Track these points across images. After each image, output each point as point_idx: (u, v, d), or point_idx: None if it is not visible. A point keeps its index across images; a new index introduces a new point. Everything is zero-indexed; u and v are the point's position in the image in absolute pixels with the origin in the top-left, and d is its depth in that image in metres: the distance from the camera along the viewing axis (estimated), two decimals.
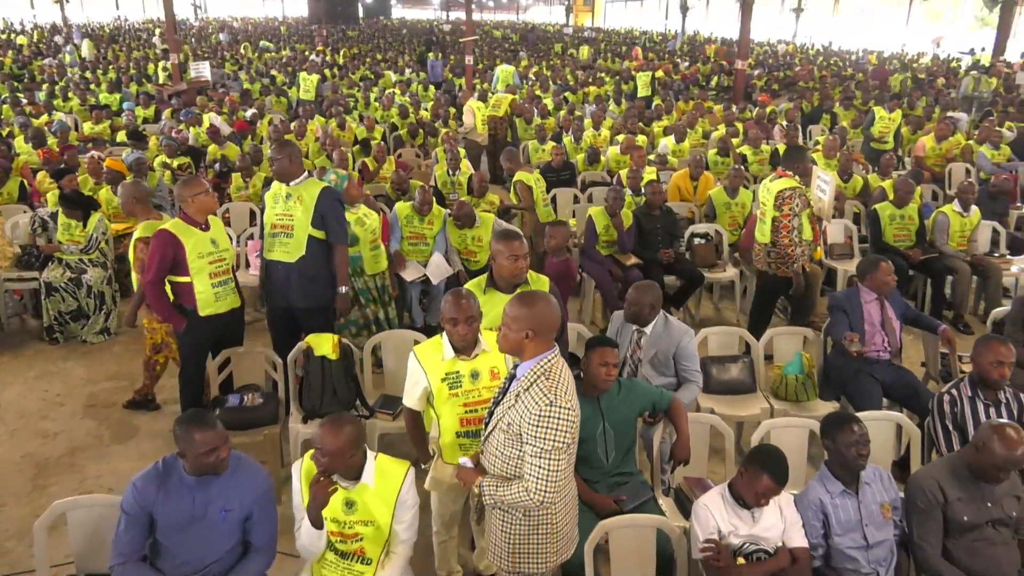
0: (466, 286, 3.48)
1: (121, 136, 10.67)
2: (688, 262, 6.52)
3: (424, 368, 3.09)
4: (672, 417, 3.54)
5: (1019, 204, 8.20)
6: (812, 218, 5.44)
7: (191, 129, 9.91)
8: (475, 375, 3.10)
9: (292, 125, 10.51)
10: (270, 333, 4.91)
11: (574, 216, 7.66)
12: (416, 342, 4.57)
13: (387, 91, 15.28)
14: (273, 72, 19.07)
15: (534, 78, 18.54)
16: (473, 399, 3.10)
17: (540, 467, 2.45)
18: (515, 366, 2.63)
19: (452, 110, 12.81)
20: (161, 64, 18.64)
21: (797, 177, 5.17)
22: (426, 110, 13.02)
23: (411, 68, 20.70)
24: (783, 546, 2.86)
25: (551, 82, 16.80)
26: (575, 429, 2.50)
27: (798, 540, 2.86)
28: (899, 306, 4.59)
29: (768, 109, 12.46)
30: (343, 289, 4.69)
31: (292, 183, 4.52)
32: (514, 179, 6.96)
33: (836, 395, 4.48)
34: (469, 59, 14.77)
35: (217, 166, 9.16)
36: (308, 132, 10.21)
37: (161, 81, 17.17)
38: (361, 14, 50.46)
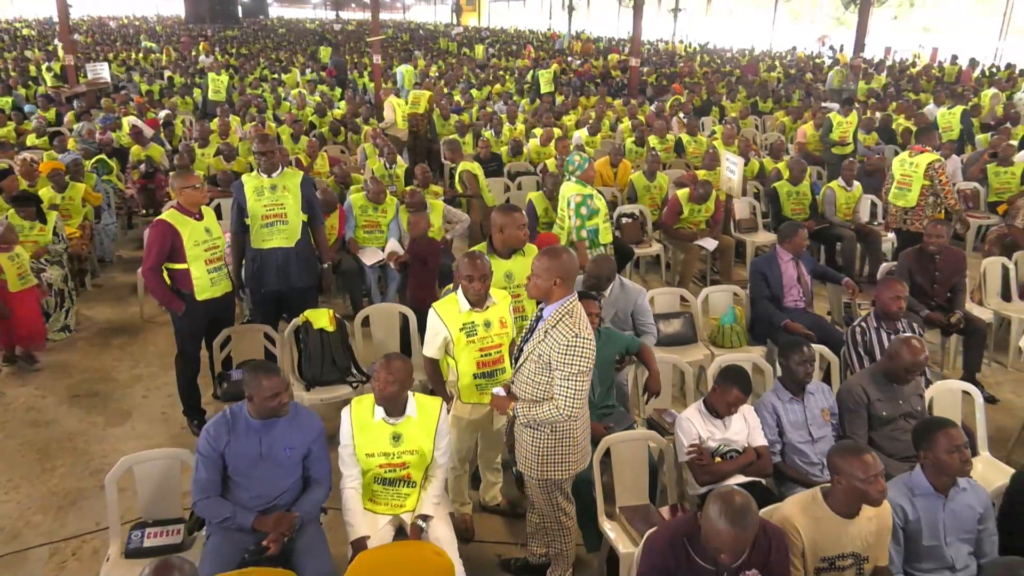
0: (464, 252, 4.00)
1: (31, 139, 10.42)
2: (618, 239, 7.21)
3: (444, 321, 3.60)
4: (643, 358, 4.20)
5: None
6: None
7: (113, 132, 9.83)
8: (487, 324, 3.63)
9: (213, 124, 10.57)
10: (258, 316, 5.20)
11: (508, 203, 8.26)
12: (402, 314, 5.08)
13: (293, 91, 15.42)
14: (168, 73, 18.68)
15: (436, 76, 19.06)
16: (487, 344, 3.64)
17: (568, 387, 3.02)
18: (540, 309, 3.19)
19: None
20: (45, 65, 17.91)
21: (934, 151, 6.36)
22: (339, 108, 13.29)
23: (310, 68, 20.74)
24: (749, 446, 3.56)
25: (456, 80, 17.35)
26: (593, 357, 3.08)
27: (760, 440, 3.57)
28: (809, 264, 5.45)
29: (671, 100, 13.47)
30: (326, 265, 5.17)
31: (274, 175, 4.90)
32: (459, 169, 7.48)
33: (763, 340, 5.28)
34: (377, 58, 15.05)
35: (143, 167, 9.18)
36: (231, 131, 10.33)
37: (49, 83, 16.56)
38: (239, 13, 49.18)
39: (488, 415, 3.78)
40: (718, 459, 3.52)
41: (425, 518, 3.29)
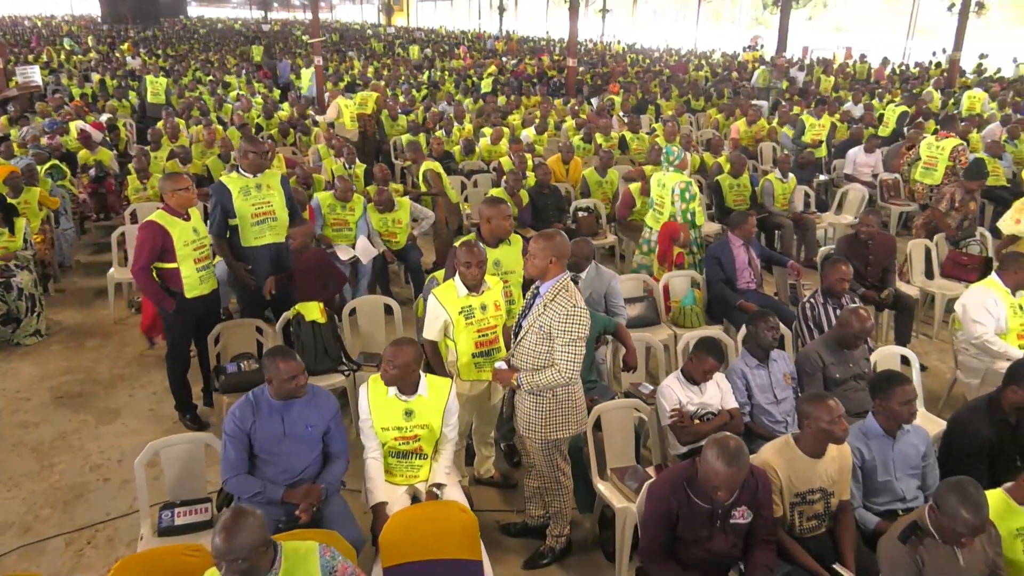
0: (459, 242, 4.32)
1: None
2: (576, 232, 7.62)
3: (444, 305, 3.90)
4: (619, 336, 4.59)
5: (816, 173, 10.11)
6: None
7: (61, 137, 9.72)
8: (483, 307, 3.95)
9: (161, 126, 10.50)
10: (247, 312, 5.35)
11: (467, 200, 8.58)
12: (386, 305, 5.35)
13: (232, 93, 15.38)
14: (97, 76, 18.24)
15: (372, 76, 19.19)
16: (484, 326, 3.96)
17: (568, 352, 3.38)
18: (536, 287, 3.54)
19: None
20: None
21: (957, 136, 7.55)
22: (282, 111, 13.32)
23: (245, 69, 20.55)
24: (723, 408, 3.98)
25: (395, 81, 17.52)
26: (588, 325, 3.45)
27: (731, 403, 4.00)
28: (757, 248, 5.95)
29: (605, 99, 13.98)
30: None
31: (258, 174, 5.10)
32: (422, 168, 7.74)
33: (719, 320, 5.75)
34: (318, 60, 15.10)
35: (92, 172, 9.13)
36: (180, 134, 10.31)
37: None
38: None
39: (485, 391, 4.11)
40: (696, 421, 3.93)
41: (439, 486, 3.59)
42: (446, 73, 20.07)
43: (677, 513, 2.96)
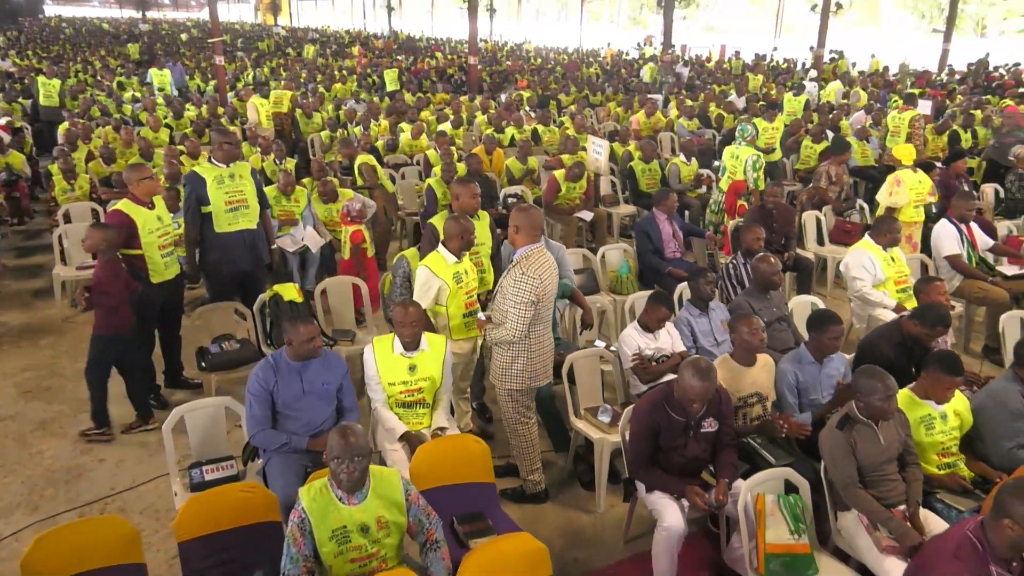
0: (435, 218, 4.80)
1: None
2: (507, 217, 8.14)
3: (437, 274, 4.35)
4: (576, 300, 5.19)
5: (713, 161, 11.10)
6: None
7: None
8: (466, 272, 4.47)
9: (65, 128, 10.26)
10: (218, 297, 5.58)
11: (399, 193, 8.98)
12: (354, 284, 5.72)
13: (126, 94, 15.05)
14: None
15: (269, 76, 19.12)
16: (469, 288, 4.49)
17: (515, 313, 3.90)
18: (513, 255, 4.06)
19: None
20: None
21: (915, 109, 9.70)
22: (188, 111, 13.21)
23: (134, 73, 19.92)
24: (675, 352, 4.63)
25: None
26: (537, 293, 3.91)
27: (681, 347, 4.67)
28: (679, 222, 6.70)
29: (515, 95, 14.63)
30: (274, 246, 5.73)
31: (231, 163, 5.38)
32: (357, 162, 8.09)
33: (651, 286, 6.44)
34: (219, 59, 14.96)
35: (3, 175, 8.93)
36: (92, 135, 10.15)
37: None
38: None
39: (472, 347, 4.59)
40: (654, 363, 4.56)
41: (442, 429, 4.06)
42: (344, 72, 20.14)
43: (658, 426, 3.57)
